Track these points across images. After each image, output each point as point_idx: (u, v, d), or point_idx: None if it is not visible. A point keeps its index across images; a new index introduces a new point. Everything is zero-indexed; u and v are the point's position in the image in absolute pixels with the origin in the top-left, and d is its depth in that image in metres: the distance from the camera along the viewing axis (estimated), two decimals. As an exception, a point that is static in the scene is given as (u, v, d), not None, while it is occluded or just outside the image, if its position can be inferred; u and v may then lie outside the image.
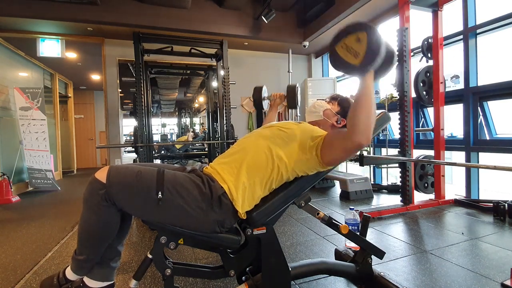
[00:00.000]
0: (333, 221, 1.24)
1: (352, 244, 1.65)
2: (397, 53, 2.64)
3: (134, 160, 3.80)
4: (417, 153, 3.04)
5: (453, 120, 3.21)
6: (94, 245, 0.98)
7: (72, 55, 4.79)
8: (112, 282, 1.06)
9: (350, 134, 0.91)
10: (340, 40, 0.84)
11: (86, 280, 1.02)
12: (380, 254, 1.26)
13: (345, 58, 0.84)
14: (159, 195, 0.90)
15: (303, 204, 1.15)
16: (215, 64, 3.74)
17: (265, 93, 1.68)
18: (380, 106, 4.02)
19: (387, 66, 0.97)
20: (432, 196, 2.93)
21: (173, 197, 0.92)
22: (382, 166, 3.88)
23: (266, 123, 1.53)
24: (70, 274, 1.01)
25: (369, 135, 0.88)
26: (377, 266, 1.55)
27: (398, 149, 2.73)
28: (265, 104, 1.70)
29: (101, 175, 0.91)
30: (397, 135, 3.05)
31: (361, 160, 2.58)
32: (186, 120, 10.18)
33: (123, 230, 1.07)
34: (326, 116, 1.25)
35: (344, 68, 0.87)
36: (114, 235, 1.01)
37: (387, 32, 4.20)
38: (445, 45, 2.92)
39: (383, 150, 4.07)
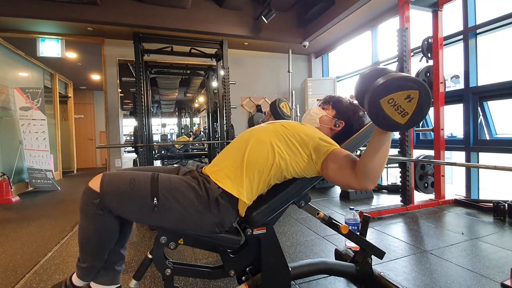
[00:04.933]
0: (333, 221, 1.24)
1: (352, 244, 1.65)
2: (397, 53, 2.66)
3: (134, 160, 3.80)
4: (417, 153, 3.04)
5: (453, 120, 3.20)
6: (96, 252, 0.98)
7: (72, 55, 4.79)
8: (118, 285, 1.06)
9: (360, 176, 0.88)
10: (388, 94, 0.74)
11: (93, 285, 1.02)
12: (380, 254, 1.25)
13: (391, 116, 0.75)
14: (155, 202, 0.89)
15: (303, 204, 1.15)
16: (215, 64, 3.73)
17: (260, 118, 1.92)
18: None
19: None
20: (432, 196, 2.93)
21: (169, 202, 0.91)
22: (382, 166, 3.87)
23: None
24: (76, 281, 1.01)
25: (377, 181, 0.88)
26: (377, 266, 1.55)
27: (398, 149, 2.73)
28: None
29: (95, 184, 0.91)
30: (397, 135, 3.05)
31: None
32: (186, 120, 10.18)
33: (125, 233, 1.07)
34: (323, 122, 1.24)
35: (386, 125, 0.77)
36: (115, 241, 1.01)
37: (387, 32, 4.20)
38: (445, 45, 2.92)
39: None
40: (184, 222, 0.94)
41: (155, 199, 0.90)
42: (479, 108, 2.91)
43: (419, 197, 2.89)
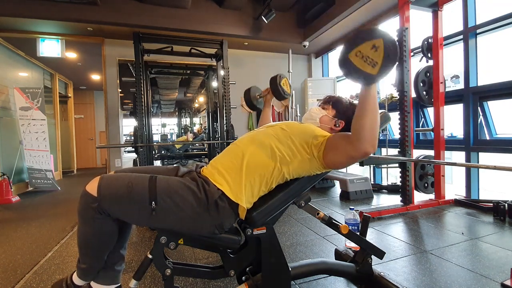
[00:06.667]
0: (333, 221, 1.24)
1: (352, 244, 1.65)
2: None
3: (134, 160, 3.80)
4: (417, 153, 3.04)
5: (453, 120, 3.21)
6: (95, 255, 0.99)
7: (72, 55, 4.79)
8: (119, 284, 1.07)
9: (356, 142, 0.89)
10: (354, 48, 0.77)
11: (93, 284, 1.02)
12: (380, 254, 1.26)
13: (362, 68, 0.77)
14: (153, 205, 0.89)
15: (303, 204, 1.15)
16: (215, 64, 3.73)
17: (256, 91, 1.63)
18: (380, 106, 4.01)
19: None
20: (432, 196, 2.93)
21: (167, 205, 0.91)
22: (382, 166, 3.88)
23: (261, 122, 1.52)
24: (77, 280, 1.01)
25: (375, 143, 0.88)
26: (377, 266, 1.55)
27: (398, 149, 2.73)
28: (260, 103, 1.65)
29: (92, 187, 0.90)
30: (397, 135, 3.05)
31: (361, 160, 2.58)
32: (186, 120, 10.17)
33: (124, 234, 1.07)
34: (323, 122, 1.24)
35: (359, 77, 0.80)
36: (114, 243, 1.01)
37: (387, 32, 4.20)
38: (445, 45, 2.92)
39: (383, 150, 4.06)
40: (183, 225, 0.94)
41: (153, 203, 0.89)
42: (479, 108, 2.91)
43: (419, 197, 2.89)
